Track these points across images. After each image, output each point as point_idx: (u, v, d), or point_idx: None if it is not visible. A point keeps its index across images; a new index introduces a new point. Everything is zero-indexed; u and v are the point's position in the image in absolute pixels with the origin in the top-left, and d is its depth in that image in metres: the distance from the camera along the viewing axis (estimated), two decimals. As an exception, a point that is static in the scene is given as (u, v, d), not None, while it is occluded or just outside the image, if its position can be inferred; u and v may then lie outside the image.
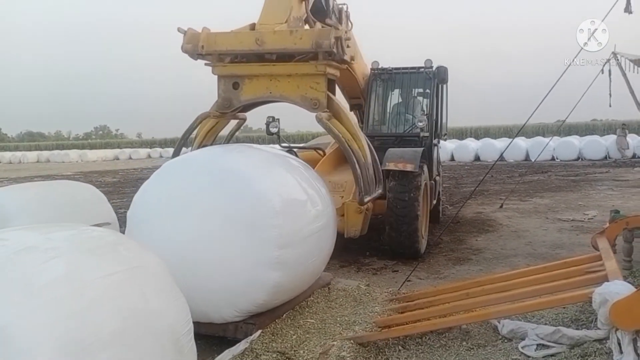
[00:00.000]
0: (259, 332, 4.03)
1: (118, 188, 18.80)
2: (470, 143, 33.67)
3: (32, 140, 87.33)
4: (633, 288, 3.24)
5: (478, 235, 8.95)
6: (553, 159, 27.83)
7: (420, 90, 9.02)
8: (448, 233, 8.79)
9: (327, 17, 6.43)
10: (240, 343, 3.87)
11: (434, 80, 8.57)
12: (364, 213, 6.38)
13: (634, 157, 27.28)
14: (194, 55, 5.24)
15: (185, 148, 5.84)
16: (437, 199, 9.38)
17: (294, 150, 7.68)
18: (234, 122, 5.99)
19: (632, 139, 28.38)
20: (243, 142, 6.07)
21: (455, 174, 21.60)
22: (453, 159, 31.28)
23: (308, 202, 4.49)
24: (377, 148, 8.03)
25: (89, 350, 2.09)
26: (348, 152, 5.14)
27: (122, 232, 4.73)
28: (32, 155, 53.22)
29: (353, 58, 5.76)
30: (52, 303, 2.07)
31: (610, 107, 12.18)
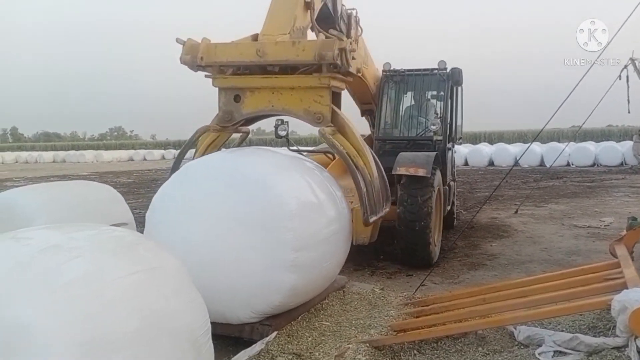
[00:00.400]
0: (275, 333, 4.05)
1: (133, 189, 18.94)
2: (484, 148, 33.51)
3: (48, 141, 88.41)
4: (653, 296, 3.21)
5: (493, 241, 8.90)
6: (568, 165, 27.57)
7: (434, 93, 8.84)
8: (463, 238, 8.76)
9: (334, 24, 6.27)
10: (256, 344, 3.89)
11: (448, 83, 8.41)
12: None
13: (651, 163, 26.96)
14: (194, 67, 5.05)
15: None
16: (451, 205, 9.22)
17: (303, 154, 7.59)
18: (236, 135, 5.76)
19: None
20: (256, 145, 6.01)
21: (469, 179, 21.48)
22: (467, 164, 31.19)
23: (324, 205, 4.50)
24: (388, 152, 7.95)
25: (109, 349, 2.11)
26: (353, 169, 4.86)
27: (139, 232, 4.77)
28: (48, 156, 53.85)
29: (359, 70, 5.51)
30: (73, 302, 2.09)
31: (629, 113, 12.05)
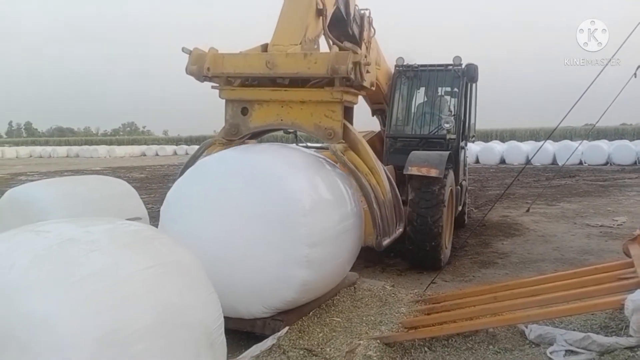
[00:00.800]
0: (287, 328, 4.08)
1: (145, 184, 19.06)
2: (496, 145, 33.37)
3: (61, 136, 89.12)
4: (667, 296, 3.20)
5: (504, 239, 8.87)
6: (581, 163, 27.39)
7: (448, 89, 8.54)
8: (474, 236, 8.73)
9: (347, 27, 6.17)
10: (268, 339, 3.92)
11: (463, 79, 8.16)
12: None
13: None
14: (200, 78, 4.87)
15: None
16: (462, 205, 9.06)
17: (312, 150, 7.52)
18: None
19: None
20: (267, 141, 5.97)
21: (481, 177, 21.39)
22: (478, 162, 31.05)
23: (338, 201, 4.50)
24: (400, 150, 7.84)
25: (126, 342, 2.14)
26: (366, 188, 4.61)
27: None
28: (61, 150, 54.40)
29: (373, 84, 5.18)
30: (91, 295, 2.12)
31: None
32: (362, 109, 8.47)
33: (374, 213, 4.60)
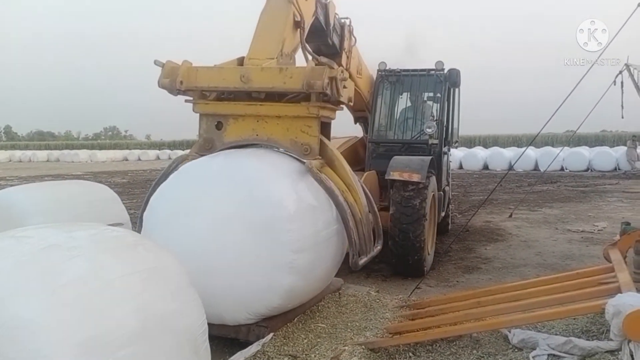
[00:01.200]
0: (271, 335, 4.06)
1: (127, 189, 18.89)
2: (479, 151, 33.73)
3: (42, 140, 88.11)
4: (647, 300, 3.24)
5: (487, 244, 8.94)
6: (562, 170, 27.76)
7: (431, 94, 8.55)
8: (457, 242, 8.78)
9: (326, 37, 6.13)
10: (253, 345, 3.90)
11: (446, 84, 8.18)
12: None
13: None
14: (173, 91, 4.70)
15: None
16: (445, 211, 9.03)
17: None
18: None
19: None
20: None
21: (464, 182, 21.57)
22: (461, 167, 31.36)
23: (322, 207, 4.48)
24: (382, 155, 7.80)
25: (109, 348, 2.12)
26: (342, 206, 4.43)
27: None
28: (42, 155, 53.79)
29: (350, 99, 5.17)
30: (74, 301, 2.11)
31: (623, 118, 12.16)
32: (344, 116, 8.46)
33: (350, 232, 4.46)
